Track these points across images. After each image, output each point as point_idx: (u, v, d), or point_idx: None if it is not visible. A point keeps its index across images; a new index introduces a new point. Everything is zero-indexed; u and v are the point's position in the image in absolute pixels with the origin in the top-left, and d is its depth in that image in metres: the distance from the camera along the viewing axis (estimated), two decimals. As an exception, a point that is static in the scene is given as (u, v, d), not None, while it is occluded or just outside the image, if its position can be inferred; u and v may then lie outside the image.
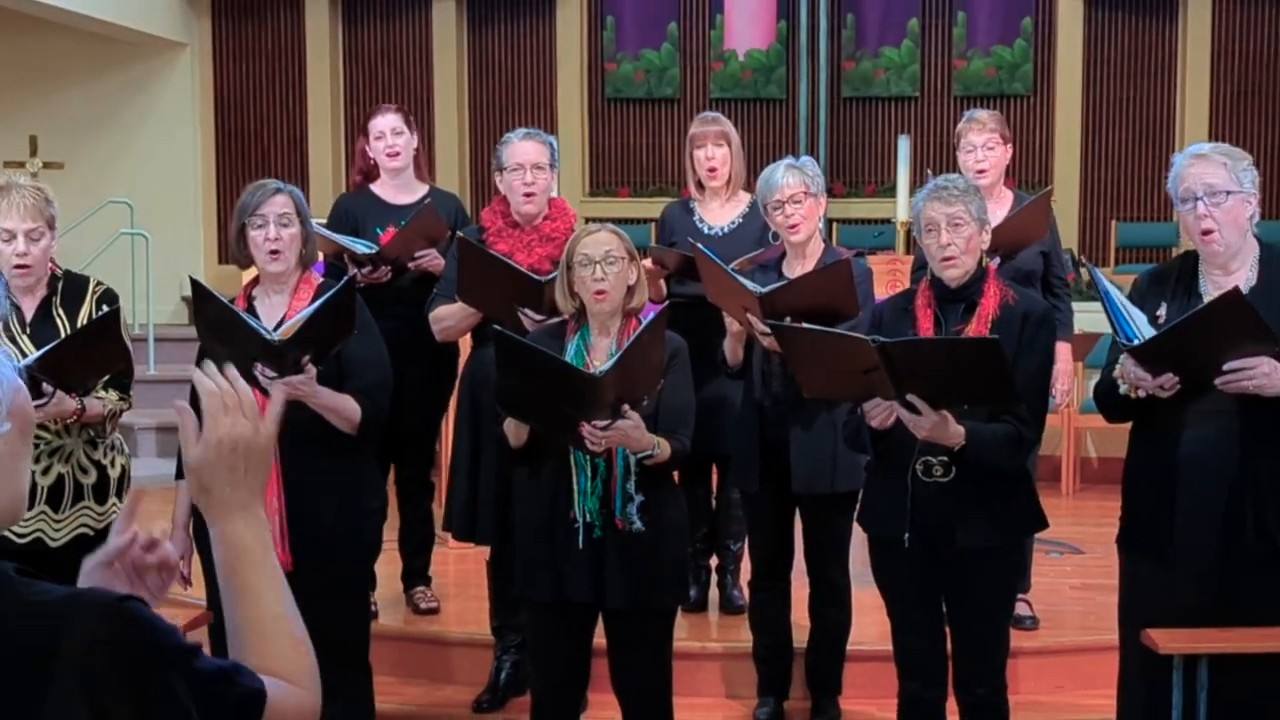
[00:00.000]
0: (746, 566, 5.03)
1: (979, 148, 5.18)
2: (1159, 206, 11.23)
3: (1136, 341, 3.53)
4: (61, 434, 4.18)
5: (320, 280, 4.18)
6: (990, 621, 3.93)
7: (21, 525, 4.07)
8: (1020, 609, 5.05)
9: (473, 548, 5.30)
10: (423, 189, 5.48)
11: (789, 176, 4.48)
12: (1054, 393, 4.42)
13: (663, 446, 3.81)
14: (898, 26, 11.47)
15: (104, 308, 4.24)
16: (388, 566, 5.27)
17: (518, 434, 3.91)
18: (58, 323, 4.21)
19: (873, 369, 3.57)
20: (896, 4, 11.44)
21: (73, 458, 4.22)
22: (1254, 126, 11.20)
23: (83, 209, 9.43)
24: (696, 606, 5.46)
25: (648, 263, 4.79)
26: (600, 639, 4.04)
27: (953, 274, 3.81)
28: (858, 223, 11.16)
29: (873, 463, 4.01)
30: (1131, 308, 3.64)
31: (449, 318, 4.77)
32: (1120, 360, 3.63)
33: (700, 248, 4.54)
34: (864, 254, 5.79)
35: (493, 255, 4.58)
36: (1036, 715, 4.79)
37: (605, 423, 3.67)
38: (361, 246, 5.13)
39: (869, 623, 4.81)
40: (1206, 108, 11.21)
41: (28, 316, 4.21)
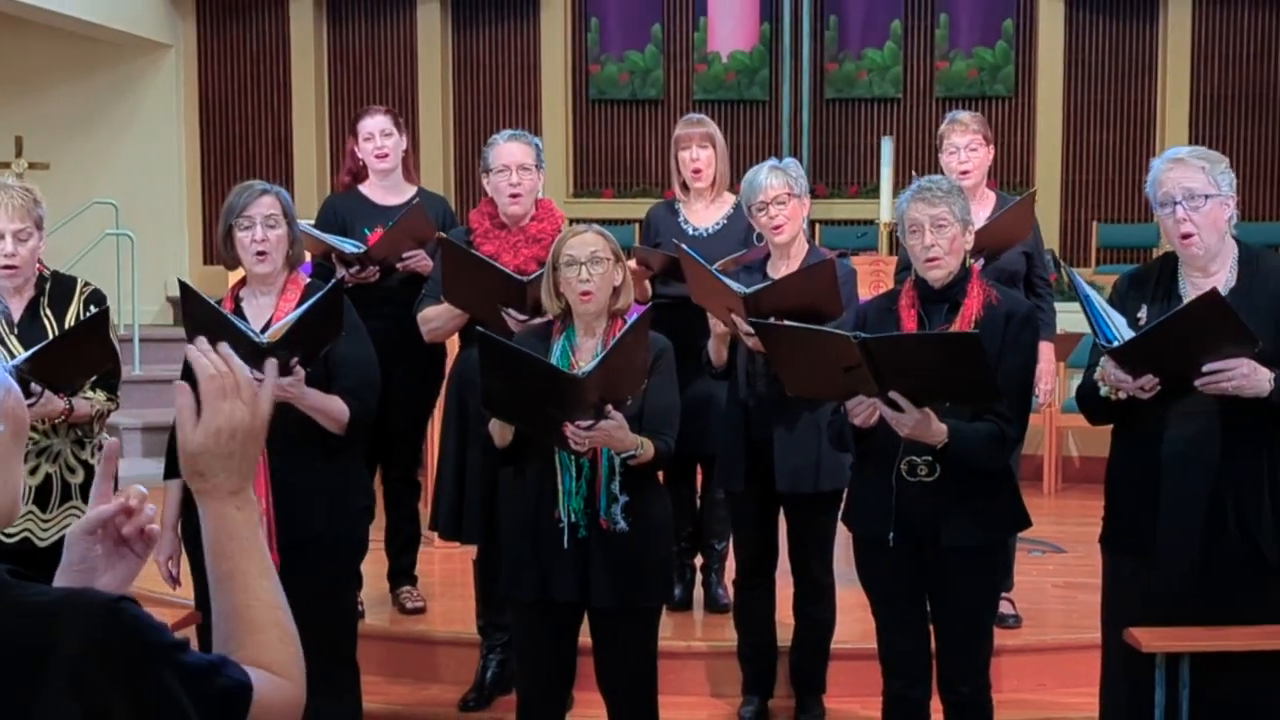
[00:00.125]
0: (731, 566, 5.04)
1: (962, 149, 5.20)
2: (1140, 208, 11.28)
3: (1116, 344, 3.56)
4: (49, 434, 4.19)
5: (308, 281, 4.18)
6: (974, 620, 3.95)
7: (9, 525, 4.08)
8: (1003, 607, 5.07)
9: (459, 547, 5.31)
10: (411, 190, 5.48)
11: (773, 178, 4.50)
12: (1037, 392, 4.44)
13: (647, 447, 3.82)
14: (880, 28, 11.50)
15: (92, 308, 4.25)
16: (373, 566, 5.26)
17: (503, 434, 3.92)
18: (45, 323, 4.22)
19: (855, 366, 3.58)
20: (879, 6, 11.47)
21: (60, 457, 4.23)
22: (1234, 128, 11.26)
23: (68, 209, 9.41)
24: (681, 605, 5.47)
25: (632, 263, 4.80)
26: (586, 638, 4.05)
27: (936, 275, 3.83)
28: (840, 224, 11.19)
29: (857, 462, 4.04)
30: (1111, 310, 3.66)
31: (436, 318, 4.79)
32: (1101, 362, 3.65)
33: (685, 249, 4.55)
34: (847, 255, 5.82)
35: (475, 255, 4.59)
36: (1019, 713, 4.81)
37: (589, 423, 3.68)
38: (349, 246, 5.14)
39: (853, 621, 4.83)
40: (1186, 109, 11.27)
41: (15, 317, 4.22)
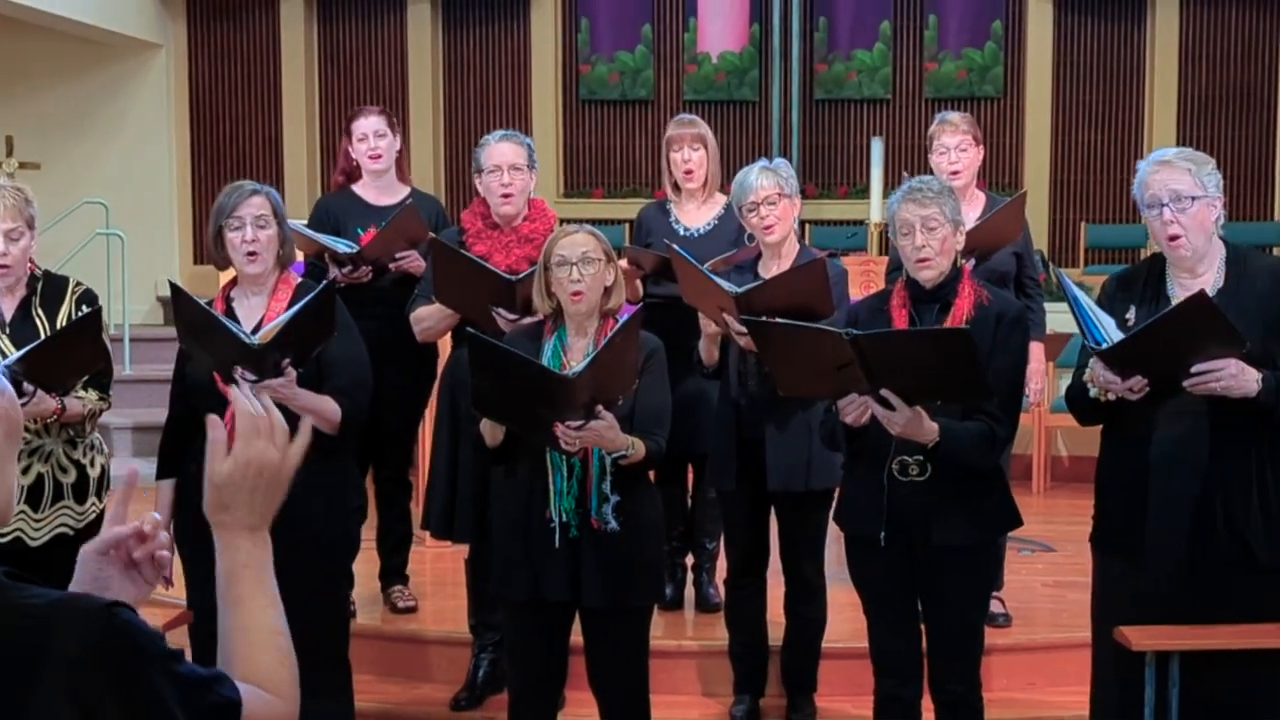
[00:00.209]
0: (722, 565, 5.05)
1: (952, 149, 5.21)
2: (1128, 208, 11.29)
3: (1105, 346, 3.57)
4: (41, 433, 4.19)
5: (299, 280, 4.18)
6: (965, 619, 3.97)
7: (4, 525, 4.08)
8: (993, 606, 5.08)
9: (450, 546, 5.33)
10: (404, 190, 5.49)
11: (763, 178, 4.51)
12: (1027, 391, 4.46)
13: (638, 447, 3.83)
14: (869, 29, 11.52)
15: (84, 308, 4.25)
16: (365, 565, 5.25)
17: (494, 434, 3.93)
18: (37, 323, 4.22)
19: (847, 364, 3.59)
20: (868, 7, 11.48)
21: (52, 457, 4.23)
22: (1221, 128, 11.30)
23: (58, 209, 9.40)
24: (673, 605, 5.48)
25: (623, 263, 4.82)
26: (577, 637, 4.07)
27: (927, 275, 3.84)
28: (830, 224, 11.20)
29: (849, 461, 4.05)
30: (1099, 312, 3.67)
31: (428, 318, 4.79)
32: (1090, 364, 3.67)
33: (676, 249, 4.56)
34: (837, 255, 5.83)
35: (464, 255, 4.60)
36: (1010, 712, 4.82)
37: (579, 423, 3.69)
38: (343, 246, 5.15)
39: (844, 620, 4.85)
40: (1174, 110, 11.30)
41: (7, 317, 4.22)
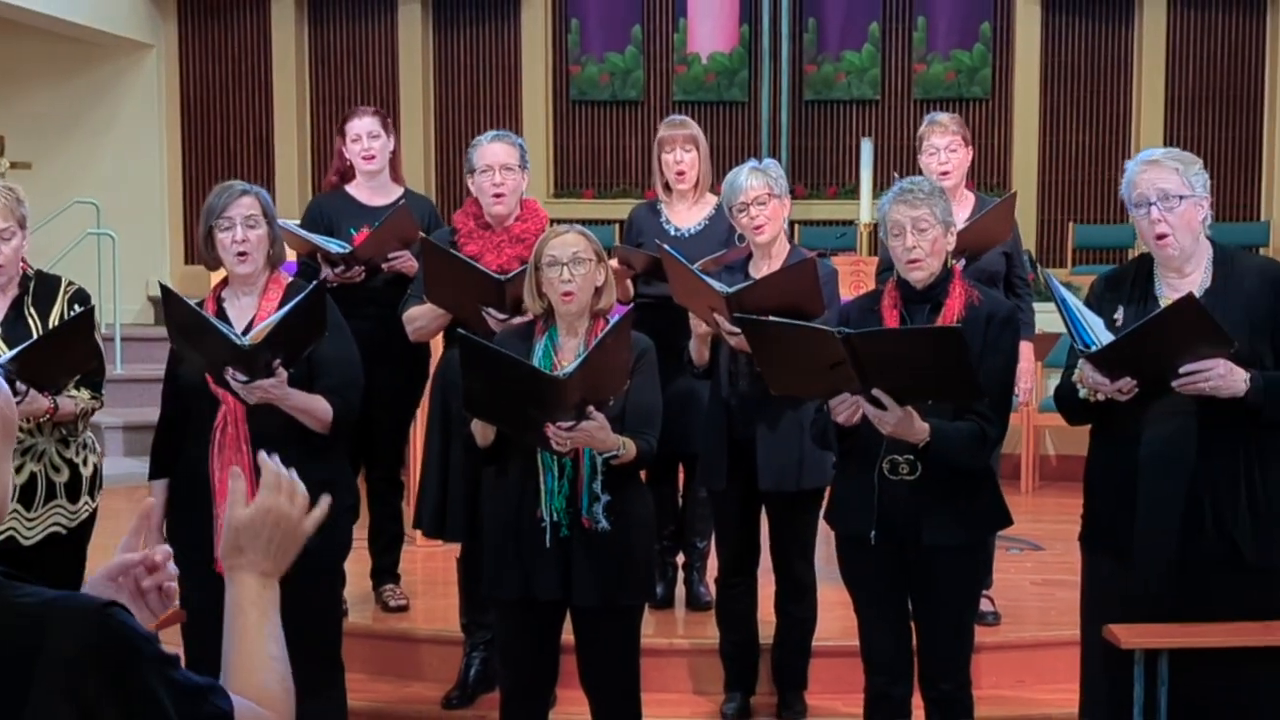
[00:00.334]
0: (713, 564, 5.08)
1: (941, 150, 5.22)
2: (1116, 209, 11.33)
3: (1094, 348, 3.59)
4: (34, 433, 4.20)
5: (290, 280, 4.19)
6: (955, 618, 3.98)
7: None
8: (982, 605, 5.08)
9: (441, 546, 5.33)
10: (397, 191, 5.51)
11: (753, 179, 4.53)
12: (1017, 390, 4.48)
13: (629, 447, 3.84)
14: (858, 31, 11.53)
15: (76, 307, 4.26)
16: (356, 564, 5.25)
17: (485, 434, 3.94)
18: (30, 322, 4.23)
19: (838, 363, 3.60)
20: (857, 8, 11.50)
21: (45, 456, 4.24)
22: (1208, 129, 11.33)
23: (50, 209, 9.39)
24: (663, 603, 5.49)
25: (614, 262, 4.83)
26: (568, 636, 4.08)
27: (917, 276, 3.86)
28: (819, 224, 11.21)
29: (840, 460, 4.07)
30: (1088, 313, 3.68)
31: (420, 318, 4.81)
32: (1078, 365, 3.68)
33: (667, 249, 4.58)
34: (826, 255, 5.85)
35: (453, 255, 4.61)
36: (999, 709, 4.83)
37: (570, 424, 3.71)
38: (335, 246, 5.16)
39: (834, 618, 4.86)
40: (1162, 111, 11.33)
41: (0, 316, 4.23)
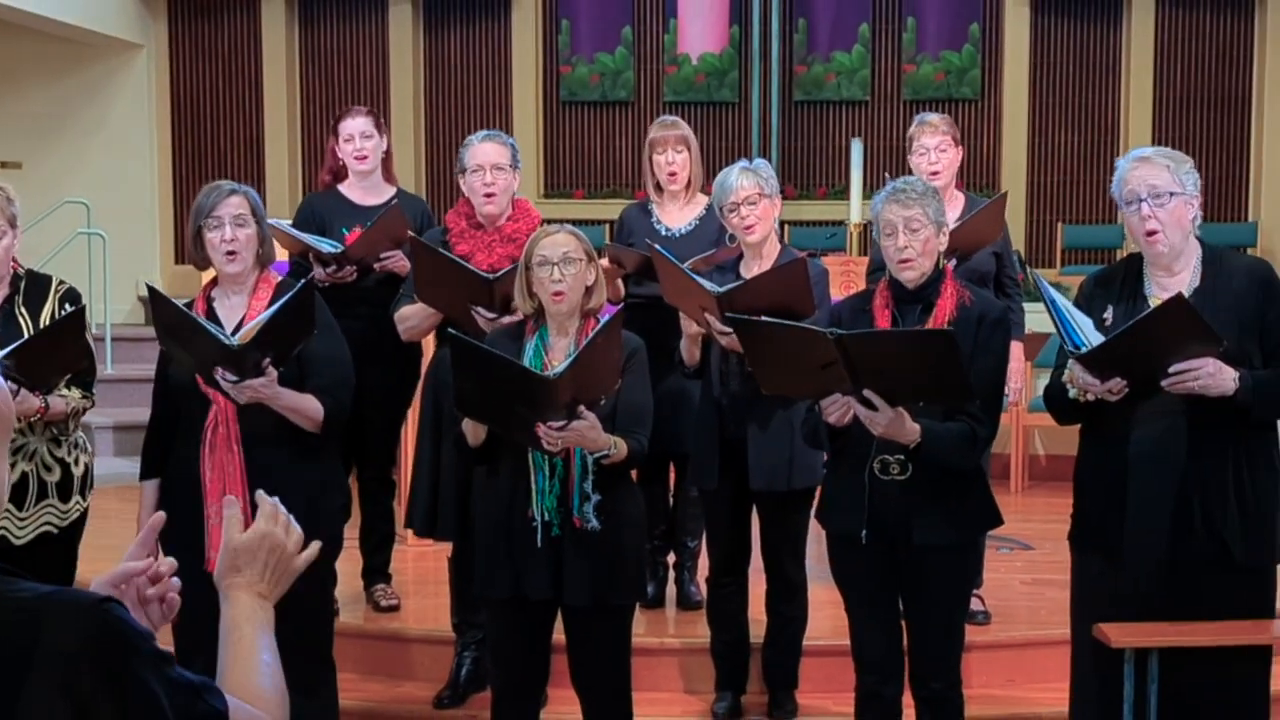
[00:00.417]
0: (704, 563, 5.08)
1: (931, 150, 5.23)
2: (1104, 209, 11.38)
3: (1084, 348, 3.59)
4: (25, 432, 4.19)
5: (280, 280, 4.18)
6: (946, 618, 3.99)
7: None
8: (972, 604, 5.10)
9: (432, 545, 5.34)
10: (390, 191, 5.50)
11: (744, 179, 4.53)
12: (1007, 390, 4.49)
13: (620, 446, 3.85)
14: (848, 31, 11.56)
15: (67, 307, 4.26)
16: (347, 564, 5.26)
17: (476, 433, 3.94)
18: (21, 322, 4.22)
19: (830, 364, 3.61)
20: (847, 9, 11.52)
21: (36, 456, 4.24)
22: (1196, 130, 11.37)
23: (40, 209, 9.38)
24: (654, 603, 5.50)
25: (605, 261, 4.84)
26: (560, 635, 4.08)
27: (909, 275, 3.86)
28: (809, 224, 11.23)
29: (831, 460, 4.07)
30: (1077, 314, 3.69)
31: (412, 317, 4.81)
32: (1068, 365, 3.69)
33: (658, 248, 4.59)
34: (817, 255, 5.86)
35: (443, 255, 4.61)
36: (989, 708, 4.85)
37: (561, 423, 3.71)
38: (327, 246, 5.16)
39: (825, 617, 4.87)
40: (1150, 111, 11.37)
41: (-9, 315, 4.23)
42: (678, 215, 5.33)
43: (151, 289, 3.95)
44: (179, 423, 4.09)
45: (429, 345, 5.28)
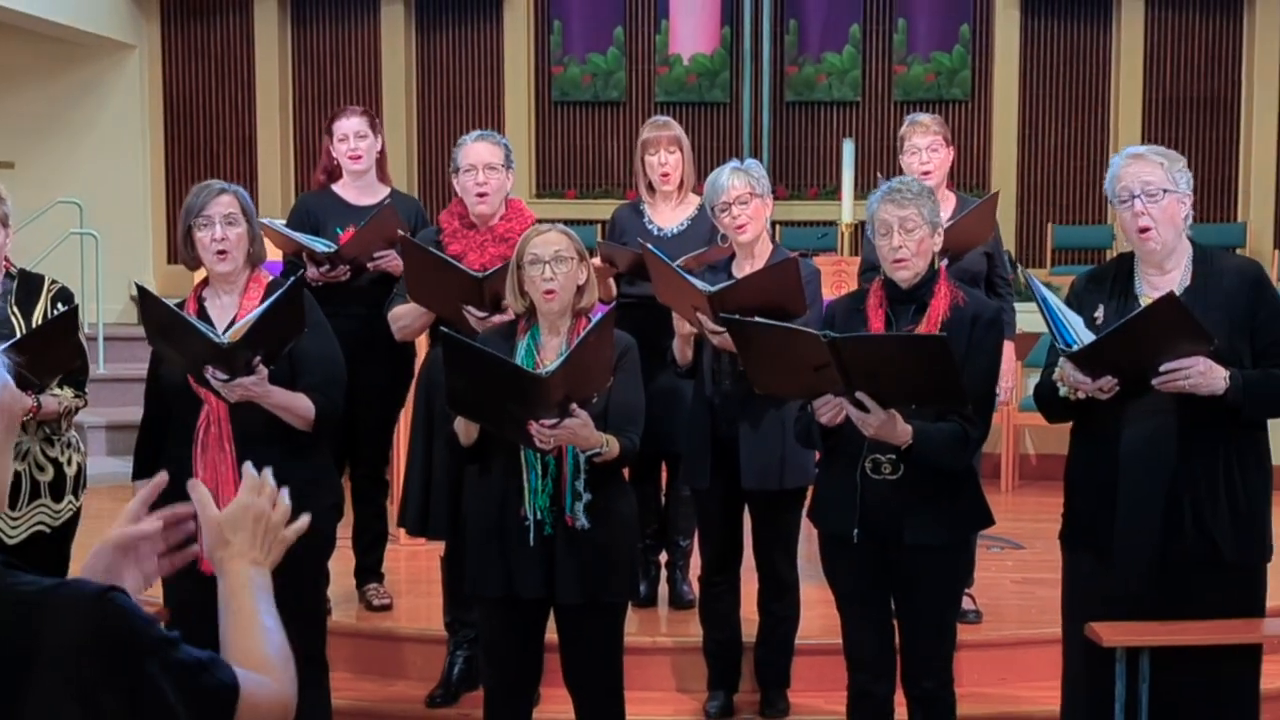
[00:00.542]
0: (696, 562, 5.09)
1: (923, 150, 5.23)
2: (1094, 209, 11.41)
3: (1075, 347, 3.61)
4: (18, 431, 4.19)
5: (271, 279, 4.18)
6: (937, 617, 4.00)
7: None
8: (964, 603, 5.12)
9: (425, 545, 5.33)
10: (384, 191, 5.51)
11: (735, 179, 4.54)
12: (999, 389, 4.50)
13: (612, 444, 3.85)
14: (840, 33, 11.57)
15: (59, 306, 4.26)
16: (340, 563, 5.25)
17: (468, 432, 3.94)
18: (13, 321, 4.22)
19: (823, 365, 3.61)
20: (838, 10, 11.54)
21: (29, 455, 4.24)
22: (1186, 131, 11.39)
23: (32, 209, 9.36)
24: (646, 602, 5.50)
25: (597, 260, 4.84)
26: (552, 634, 4.08)
27: (903, 275, 3.86)
28: (800, 224, 11.24)
29: (822, 459, 4.08)
30: (1069, 312, 3.70)
31: (405, 317, 4.82)
32: (1059, 364, 3.70)
33: (650, 248, 4.59)
34: (808, 255, 5.87)
35: (433, 254, 4.61)
36: (981, 707, 4.86)
37: (553, 421, 3.72)
38: (320, 245, 5.16)
39: (817, 616, 4.88)
40: (1140, 113, 11.39)
41: (-17, 314, 4.23)
42: (669, 215, 5.34)
43: (140, 288, 3.94)
44: (171, 422, 4.08)
45: (422, 345, 5.29)
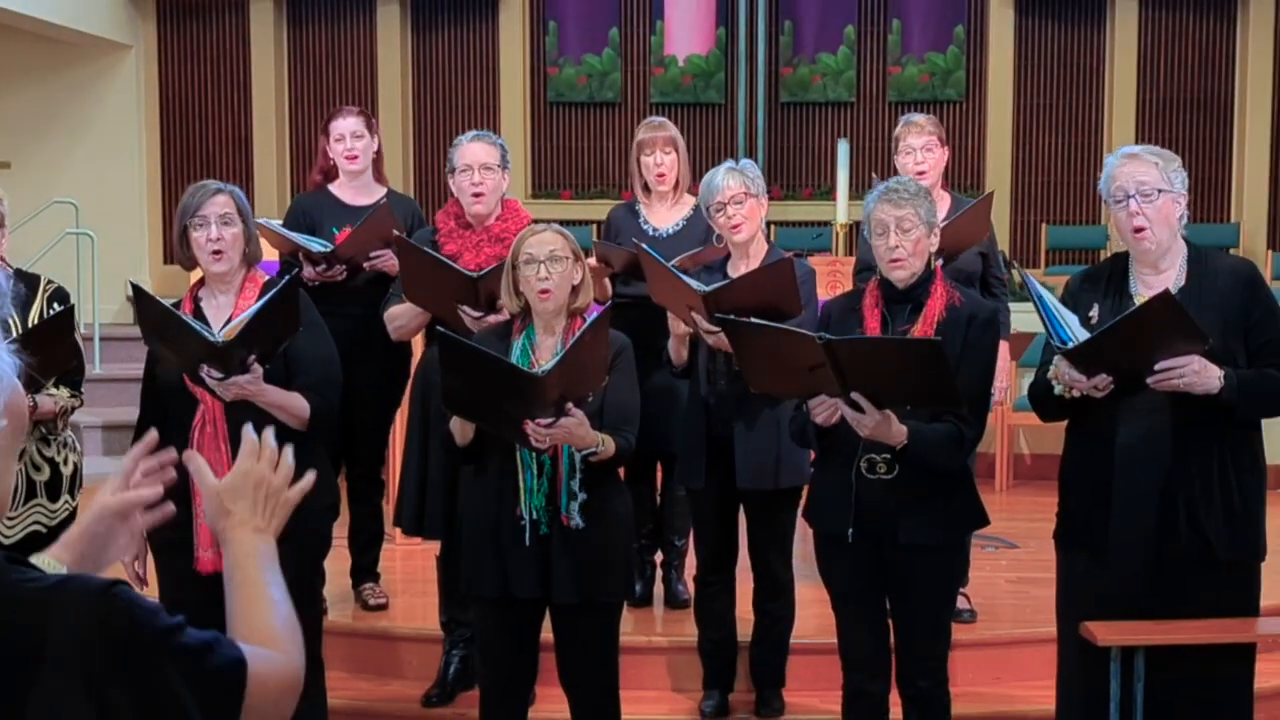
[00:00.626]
0: (691, 561, 5.09)
1: (918, 150, 5.23)
2: (1088, 209, 11.43)
3: (1070, 344, 3.61)
4: (14, 432, 4.19)
5: (266, 278, 4.18)
6: (933, 616, 4.00)
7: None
8: (958, 602, 5.12)
9: (421, 544, 5.33)
10: (380, 191, 5.51)
11: (730, 179, 4.54)
12: (994, 389, 4.50)
13: (607, 444, 3.86)
14: (834, 33, 11.59)
15: (55, 306, 4.26)
16: (336, 563, 5.25)
17: (464, 432, 3.94)
18: (9, 321, 4.22)
19: (818, 366, 3.62)
20: (833, 11, 11.55)
21: (25, 455, 4.23)
22: (1180, 132, 11.41)
23: (28, 209, 9.37)
24: (642, 601, 5.51)
25: (592, 260, 4.85)
26: (548, 634, 4.09)
27: (899, 275, 3.87)
28: (795, 225, 11.26)
29: (818, 459, 4.08)
30: (1064, 311, 3.71)
31: (401, 317, 4.82)
32: (1054, 362, 3.71)
33: (645, 248, 4.59)
34: (803, 255, 5.87)
35: (425, 252, 4.61)
36: (975, 706, 4.87)
37: (549, 421, 3.72)
38: (317, 245, 5.16)
39: (812, 616, 4.88)
40: (1133, 114, 11.41)
41: (-22, 315, 4.22)
42: (665, 216, 5.34)
43: (136, 287, 3.94)
44: (167, 422, 4.08)
45: (418, 345, 5.29)
